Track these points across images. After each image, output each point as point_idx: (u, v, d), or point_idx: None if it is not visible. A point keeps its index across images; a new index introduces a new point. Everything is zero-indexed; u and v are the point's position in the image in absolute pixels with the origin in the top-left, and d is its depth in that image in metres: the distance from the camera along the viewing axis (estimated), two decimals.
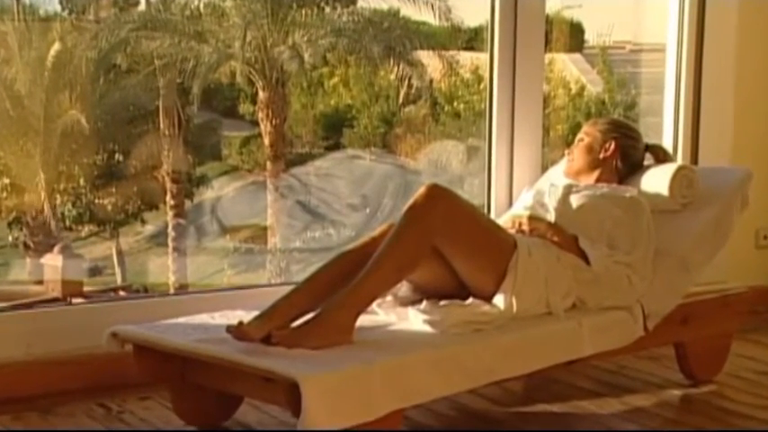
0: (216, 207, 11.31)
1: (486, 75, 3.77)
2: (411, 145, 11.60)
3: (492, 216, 3.50)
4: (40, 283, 8.94)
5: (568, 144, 3.27)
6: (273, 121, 10.43)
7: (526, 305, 2.68)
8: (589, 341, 2.77)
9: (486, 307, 2.63)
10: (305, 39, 10.28)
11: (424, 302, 2.65)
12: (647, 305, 2.91)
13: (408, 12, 10.52)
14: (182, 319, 2.71)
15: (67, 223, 10.45)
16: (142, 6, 10.45)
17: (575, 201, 2.97)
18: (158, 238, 11.01)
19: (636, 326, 2.89)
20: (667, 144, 3.96)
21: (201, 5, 10.33)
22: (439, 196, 2.59)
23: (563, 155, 3.30)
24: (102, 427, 2.82)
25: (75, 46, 9.84)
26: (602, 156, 3.14)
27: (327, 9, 10.52)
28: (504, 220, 3.03)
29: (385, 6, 10.46)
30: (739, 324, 3.38)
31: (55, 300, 8.17)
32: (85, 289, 9.17)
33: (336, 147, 11.74)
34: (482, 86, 10.38)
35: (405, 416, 2.43)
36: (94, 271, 10.67)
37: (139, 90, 10.40)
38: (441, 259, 2.63)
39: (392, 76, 11.20)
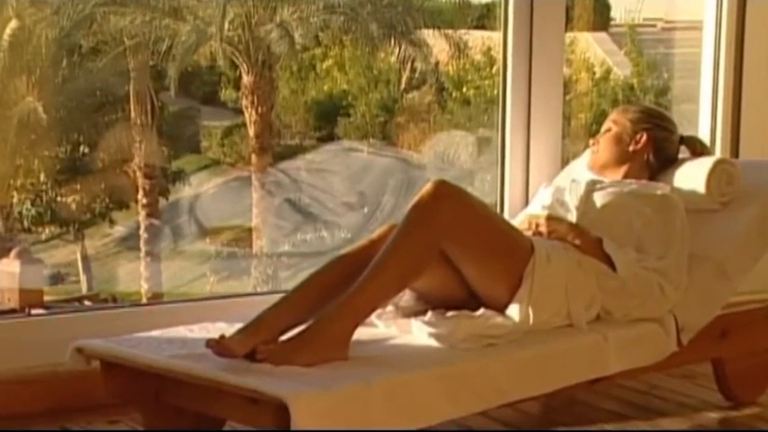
0: (194, 206, 11.33)
1: (500, 56, 3.77)
2: (414, 136, 11.63)
3: (506, 216, 3.50)
4: None
5: (592, 134, 3.27)
6: (259, 109, 10.45)
7: (544, 317, 2.68)
8: (615, 357, 2.77)
9: (498, 319, 2.64)
10: (295, 16, 10.30)
11: (430, 313, 2.65)
12: (681, 317, 2.92)
13: None
14: (155, 333, 2.71)
15: (26, 224, 10.46)
16: None
17: (599, 199, 2.98)
18: (129, 241, 11.03)
19: (668, 340, 2.89)
20: (704, 134, 3.97)
21: None
22: (447, 194, 2.59)
23: (586, 146, 3.31)
24: None
25: (34, 23, 9.85)
26: (631, 148, 3.15)
27: None
28: (519, 220, 3.04)
29: None
30: None
31: (11, 311, 8.18)
32: (46, 298, 9.19)
33: (330, 138, 11.76)
34: (494, 70, 10.40)
35: None
36: (56, 278, 10.70)
37: (107, 74, 10.42)
38: (448, 265, 2.64)
39: (393, 59, 11.22)
